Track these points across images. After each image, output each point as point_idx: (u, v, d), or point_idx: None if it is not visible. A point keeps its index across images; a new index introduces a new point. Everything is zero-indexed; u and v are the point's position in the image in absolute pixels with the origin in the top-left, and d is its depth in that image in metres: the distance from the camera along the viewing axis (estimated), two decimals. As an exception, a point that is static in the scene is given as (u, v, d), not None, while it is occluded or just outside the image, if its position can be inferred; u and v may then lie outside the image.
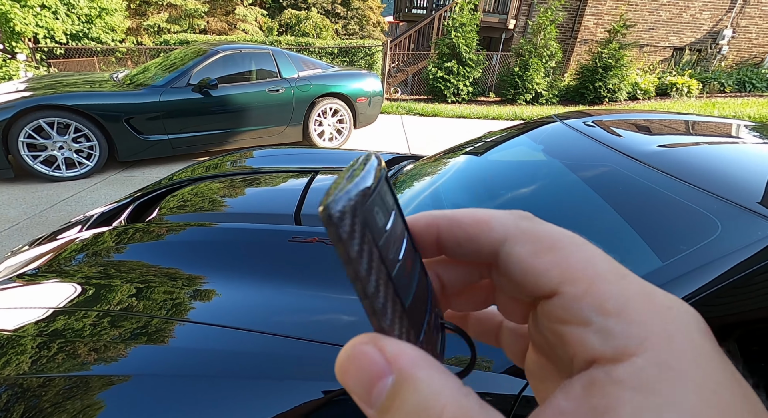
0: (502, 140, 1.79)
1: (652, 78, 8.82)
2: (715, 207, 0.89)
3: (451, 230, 0.19)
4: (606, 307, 0.15)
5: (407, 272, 0.18)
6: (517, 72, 8.40)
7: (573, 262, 0.16)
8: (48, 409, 0.76)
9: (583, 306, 0.15)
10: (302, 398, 0.77)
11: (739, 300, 0.81)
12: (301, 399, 0.77)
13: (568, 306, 0.15)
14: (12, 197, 3.13)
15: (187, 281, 1.08)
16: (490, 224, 0.18)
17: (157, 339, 0.89)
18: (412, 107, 7.41)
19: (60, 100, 3.27)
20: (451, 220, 0.19)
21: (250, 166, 2.00)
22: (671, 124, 1.54)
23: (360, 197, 0.15)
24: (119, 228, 1.36)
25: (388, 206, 0.17)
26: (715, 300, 0.77)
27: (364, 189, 0.15)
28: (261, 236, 1.21)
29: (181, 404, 0.75)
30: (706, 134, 1.42)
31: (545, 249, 0.17)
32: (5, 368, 0.85)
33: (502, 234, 0.18)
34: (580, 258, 0.16)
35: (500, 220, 0.18)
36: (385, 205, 0.17)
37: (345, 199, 0.14)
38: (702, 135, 1.42)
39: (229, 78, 4.08)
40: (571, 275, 0.16)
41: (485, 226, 0.18)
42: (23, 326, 0.94)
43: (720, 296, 0.76)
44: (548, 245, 0.17)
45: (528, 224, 0.18)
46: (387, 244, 0.16)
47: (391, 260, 0.16)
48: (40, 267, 1.23)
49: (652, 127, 1.52)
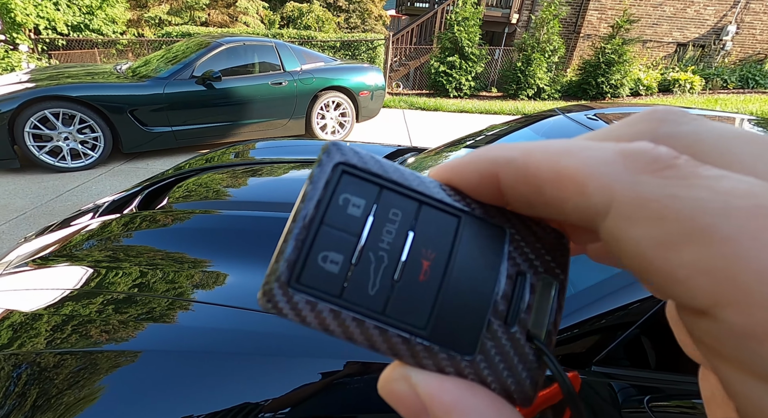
0: (504, 133, 1.81)
1: (654, 74, 8.81)
2: None
3: (519, 188, 0.13)
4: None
5: (423, 275, 0.14)
6: (519, 67, 8.38)
7: (746, 268, 0.09)
8: (77, 379, 0.80)
9: (761, 351, 0.09)
10: (322, 367, 0.80)
11: None
12: (314, 373, 0.80)
13: (730, 341, 0.09)
14: (19, 187, 3.17)
15: (193, 264, 1.12)
16: (581, 184, 0.11)
17: (166, 318, 0.92)
18: (414, 101, 7.41)
19: (65, 91, 3.29)
20: (519, 171, 0.12)
21: (253, 157, 2.03)
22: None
23: (294, 261, 0.13)
24: (127, 216, 1.39)
25: (357, 213, 0.14)
26: None
27: (298, 243, 0.13)
28: (265, 223, 1.25)
29: (191, 377, 0.79)
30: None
31: (685, 239, 0.09)
32: (22, 348, 0.89)
33: (604, 202, 0.11)
34: (763, 261, 0.09)
35: (601, 176, 0.11)
36: (351, 218, 0.14)
37: (275, 281, 0.13)
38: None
39: (232, 70, 4.09)
40: (741, 293, 0.09)
41: (573, 187, 0.11)
42: (38, 307, 0.98)
43: None
44: (692, 230, 0.09)
45: (655, 185, 0.10)
46: (364, 270, 0.13)
47: (379, 288, 0.13)
48: (52, 252, 1.27)
49: None
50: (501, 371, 0.13)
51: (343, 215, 0.14)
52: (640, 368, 0.92)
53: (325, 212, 0.14)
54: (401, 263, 0.14)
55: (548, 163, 0.12)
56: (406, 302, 0.13)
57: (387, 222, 0.14)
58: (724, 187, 0.10)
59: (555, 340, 0.14)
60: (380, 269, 0.14)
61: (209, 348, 0.83)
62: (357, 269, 0.13)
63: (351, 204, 0.14)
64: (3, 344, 0.90)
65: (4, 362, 0.86)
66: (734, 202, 0.09)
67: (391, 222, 0.14)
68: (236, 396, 0.77)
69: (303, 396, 0.79)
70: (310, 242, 0.13)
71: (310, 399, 0.79)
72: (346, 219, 0.14)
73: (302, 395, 0.79)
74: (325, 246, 0.13)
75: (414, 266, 0.14)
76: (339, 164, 0.14)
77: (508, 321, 0.14)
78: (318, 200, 0.14)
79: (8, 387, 0.81)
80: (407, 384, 0.13)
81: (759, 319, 0.09)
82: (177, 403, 0.76)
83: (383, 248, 0.14)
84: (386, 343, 0.13)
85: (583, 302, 0.85)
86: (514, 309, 0.14)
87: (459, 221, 0.14)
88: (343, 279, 0.13)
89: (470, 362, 0.13)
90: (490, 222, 0.15)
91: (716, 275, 0.09)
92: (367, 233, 0.14)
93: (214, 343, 0.85)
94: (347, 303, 0.13)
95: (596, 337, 0.84)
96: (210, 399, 0.77)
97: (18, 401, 0.78)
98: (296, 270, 0.13)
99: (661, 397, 0.83)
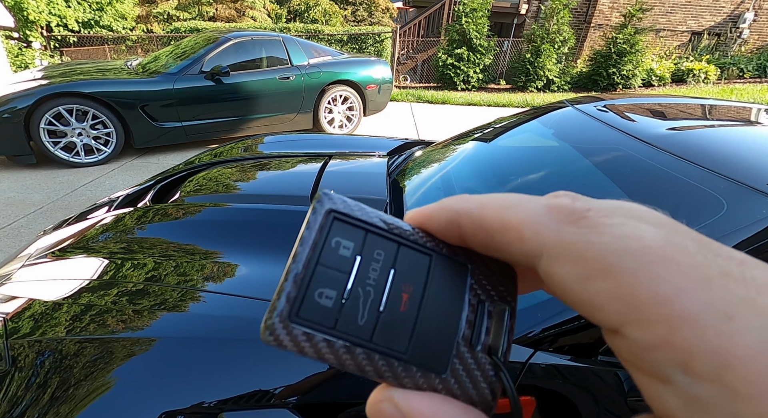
0: (512, 126, 1.80)
1: (668, 64, 8.62)
2: (722, 187, 0.91)
3: (476, 234, 0.16)
4: (694, 366, 0.10)
5: (403, 305, 0.16)
6: (528, 58, 8.26)
7: (641, 294, 0.11)
8: (97, 364, 0.83)
9: (659, 359, 0.11)
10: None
11: None
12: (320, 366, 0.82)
13: (637, 353, 0.12)
14: (35, 182, 3.24)
15: (205, 255, 1.14)
16: (520, 232, 0.14)
17: (180, 307, 0.95)
18: (421, 95, 7.37)
19: (78, 87, 3.35)
20: (475, 221, 0.15)
21: (262, 151, 2.05)
22: (686, 107, 1.55)
23: (293, 297, 0.15)
24: (140, 209, 1.42)
25: (347, 254, 0.16)
26: None
27: (297, 281, 0.15)
28: (274, 215, 1.27)
29: (204, 364, 0.81)
30: (722, 118, 1.43)
31: (598, 273, 0.12)
32: (44, 336, 0.93)
33: (537, 247, 0.14)
34: (653, 287, 0.11)
35: (534, 226, 0.14)
36: (342, 259, 0.16)
37: (276, 316, 0.14)
38: (717, 119, 1.42)
39: (241, 65, 4.11)
40: (639, 313, 0.11)
41: (515, 234, 0.14)
42: (58, 297, 1.02)
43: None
44: (601, 267, 0.12)
45: (573, 233, 0.13)
46: (354, 303, 0.15)
47: (367, 318, 0.15)
48: (70, 245, 1.31)
49: (665, 112, 1.52)
50: (467, 384, 0.16)
51: (336, 255, 0.16)
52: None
53: (320, 253, 0.16)
54: (385, 296, 0.16)
55: (496, 215, 0.15)
56: (390, 330, 0.15)
57: (372, 261, 0.16)
58: (622, 232, 0.13)
59: (509, 356, 0.17)
60: (368, 302, 0.16)
61: (222, 335, 0.86)
62: (348, 302, 0.15)
63: (342, 246, 0.16)
64: (26, 332, 0.94)
65: (28, 349, 0.89)
66: (630, 243, 0.12)
67: (375, 261, 0.16)
68: (249, 383, 0.80)
69: (315, 383, 0.81)
70: (308, 280, 0.15)
71: (322, 385, 0.81)
72: (338, 259, 0.16)
73: (314, 382, 0.81)
74: (321, 284, 0.15)
75: (396, 299, 0.16)
76: (330, 211, 0.17)
77: (472, 343, 0.16)
78: (314, 243, 0.16)
79: (30, 377, 0.85)
80: (391, 404, 0.14)
81: (654, 332, 0.11)
82: (191, 388, 0.79)
83: (370, 283, 0.16)
84: (372, 367, 0.15)
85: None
86: (476, 333, 0.17)
87: (431, 259, 0.17)
88: (337, 312, 0.15)
89: (442, 380, 0.15)
90: (455, 260, 0.17)
91: (622, 300, 0.12)
92: (356, 271, 0.16)
93: (227, 330, 0.87)
94: (340, 333, 0.15)
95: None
96: (223, 385, 0.79)
97: (37, 393, 0.81)
98: (295, 306, 0.15)
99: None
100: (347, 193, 1.47)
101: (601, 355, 0.85)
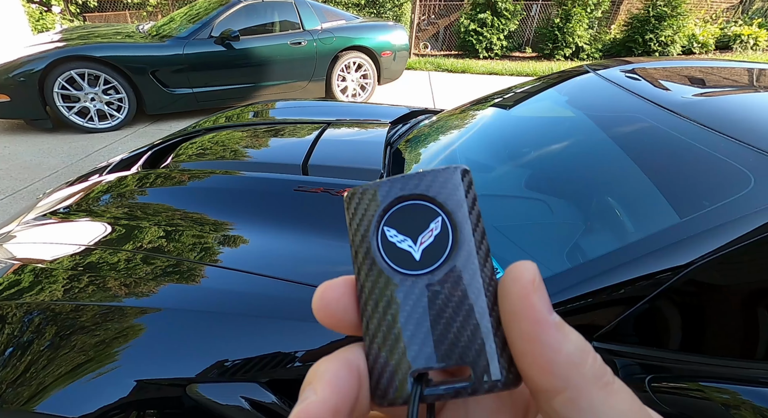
0: (524, 94, 1.68)
1: (713, 29, 7.91)
2: (750, 160, 0.81)
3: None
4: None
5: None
6: (557, 23, 7.73)
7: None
8: (90, 326, 0.84)
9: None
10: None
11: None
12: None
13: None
14: (52, 147, 3.31)
15: (215, 226, 1.11)
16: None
17: (188, 279, 0.93)
18: (440, 63, 7.06)
19: (88, 51, 3.33)
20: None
21: (273, 117, 2.00)
22: (727, 72, 1.38)
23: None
24: (141, 172, 1.40)
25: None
26: (741, 258, 0.71)
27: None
28: (289, 186, 1.21)
29: (211, 336, 0.81)
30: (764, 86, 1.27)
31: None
32: (39, 295, 0.93)
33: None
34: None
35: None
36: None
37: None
38: (763, 85, 1.26)
39: (252, 30, 3.99)
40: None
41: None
42: (58, 258, 1.01)
43: (748, 252, 0.71)
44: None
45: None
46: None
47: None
48: (71, 206, 1.30)
49: (699, 76, 1.37)
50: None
51: None
52: (646, 346, 0.86)
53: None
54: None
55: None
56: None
57: None
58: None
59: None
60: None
61: (245, 311, 0.84)
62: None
63: None
64: (13, 293, 0.94)
65: (16, 310, 0.90)
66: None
67: None
68: (223, 355, 0.78)
69: (288, 359, 0.79)
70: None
71: (295, 361, 0.79)
72: None
73: (287, 358, 0.79)
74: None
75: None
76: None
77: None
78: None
79: (17, 334, 0.85)
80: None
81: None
82: (168, 360, 0.79)
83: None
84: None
85: (588, 274, 0.79)
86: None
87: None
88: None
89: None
90: None
91: None
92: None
93: (215, 304, 0.85)
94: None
95: (598, 311, 0.78)
96: (199, 357, 0.78)
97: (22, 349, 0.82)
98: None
99: (666, 377, 0.78)
100: (340, 162, 1.41)
101: (595, 341, 0.79)
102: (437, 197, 0.16)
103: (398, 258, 0.16)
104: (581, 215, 1.00)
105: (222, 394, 0.77)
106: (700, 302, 0.80)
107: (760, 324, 0.78)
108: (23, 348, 0.84)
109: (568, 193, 1.09)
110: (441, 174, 0.16)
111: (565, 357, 0.13)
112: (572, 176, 1.10)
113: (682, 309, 0.80)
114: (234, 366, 0.78)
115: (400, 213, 0.16)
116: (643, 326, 0.87)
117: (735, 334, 0.79)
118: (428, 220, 0.16)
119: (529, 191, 1.17)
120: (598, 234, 0.92)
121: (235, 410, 0.77)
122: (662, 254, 0.74)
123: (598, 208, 0.98)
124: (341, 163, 1.33)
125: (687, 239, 0.74)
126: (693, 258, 0.71)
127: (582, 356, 0.14)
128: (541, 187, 1.18)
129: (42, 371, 0.80)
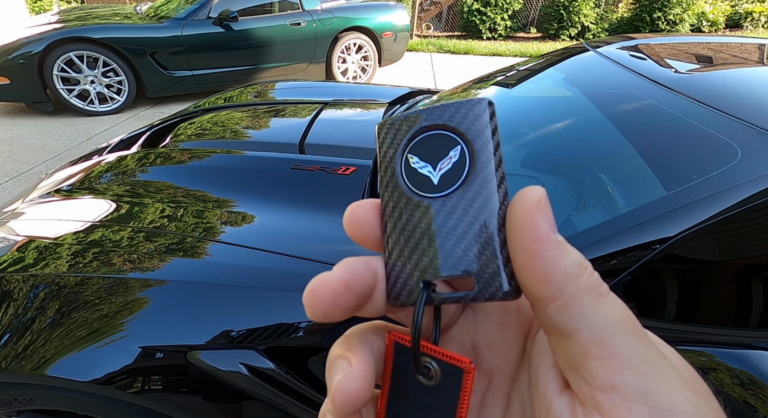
0: (527, 71, 1.66)
1: (724, 6, 7.69)
2: (738, 133, 0.82)
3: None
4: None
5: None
6: (562, 2, 7.53)
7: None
8: (94, 301, 0.87)
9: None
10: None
11: (757, 226, 0.77)
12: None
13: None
14: (53, 129, 3.33)
15: (217, 203, 1.13)
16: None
17: (192, 254, 0.95)
18: (443, 44, 6.94)
19: (86, 32, 3.30)
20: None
21: (273, 97, 1.99)
22: (731, 48, 1.36)
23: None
24: (141, 152, 1.42)
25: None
26: (726, 226, 0.73)
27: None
28: (289, 164, 1.22)
29: (215, 307, 0.84)
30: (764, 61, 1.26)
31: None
32: (44, 270, 0.97)
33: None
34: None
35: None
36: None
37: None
38: (757, 61, 1.25)
39: (250, 10, 3.93)
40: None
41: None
42: (62, 235, 1.04)
43: (734, 221, 0.72)
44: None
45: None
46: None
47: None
48: (74, 184, 1.32)
49: (700, 52, 1.35)
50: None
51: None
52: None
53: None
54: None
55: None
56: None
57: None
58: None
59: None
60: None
61: (232, 281, 0.86)
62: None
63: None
64: (22, 267, 0.97)
65: (23, 283, 0.93)
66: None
67: None
68: (223, 324, 0.81)
69: (285, 328, 0.82)
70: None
71: (293, 330, 0.82)
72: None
73: (285, 327, 0.82)
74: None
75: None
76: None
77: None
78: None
79: (26, 304, 0.88)
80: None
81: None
82: (172, 328, 0.82)
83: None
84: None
85: (579, 244, 0.81)
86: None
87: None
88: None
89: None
90: None
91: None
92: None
93: (250, 279, 0.87)
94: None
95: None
96: (200, 325, 0.81)
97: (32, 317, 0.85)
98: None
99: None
100: (335, 141, 1.42)
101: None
102: (459, 127, 0.17)
103: (418, 182, 0.17)
104: (573, 190, 1.01)
105: (222, 360, 0.81)
106: (678, 272, 0.82)
107: (738, 293, 0.80)
108: (30, 320, 0.88)
109: (560, 170, 1.10)
110: (464, 105, 0.17)
111: (562, 269, 0.14)
112: (565, 154, 1.11)
113: (662, 279, 0.82)
114: (239, 336, 0.81)
115: (424, 142, 0.18)
116: (623, 296, 0.90)
117: (714, 302, 0.81)
118: (448, 148, 0.17)
119: (523, 169, 1.18)
120: (587, 209, 0.93)
121: (234, 375, 0.81)
122: (646, 226, 0.76)
123: (588, 183, 0.99)
124: (337, 142, 1.34)
125: (673, 211, 0.76)
126: (678, 231, 0.73)
127: (579, 269, 0.14)
128: (536, 165, 1.19)
129: (51, 339, 0.84)
